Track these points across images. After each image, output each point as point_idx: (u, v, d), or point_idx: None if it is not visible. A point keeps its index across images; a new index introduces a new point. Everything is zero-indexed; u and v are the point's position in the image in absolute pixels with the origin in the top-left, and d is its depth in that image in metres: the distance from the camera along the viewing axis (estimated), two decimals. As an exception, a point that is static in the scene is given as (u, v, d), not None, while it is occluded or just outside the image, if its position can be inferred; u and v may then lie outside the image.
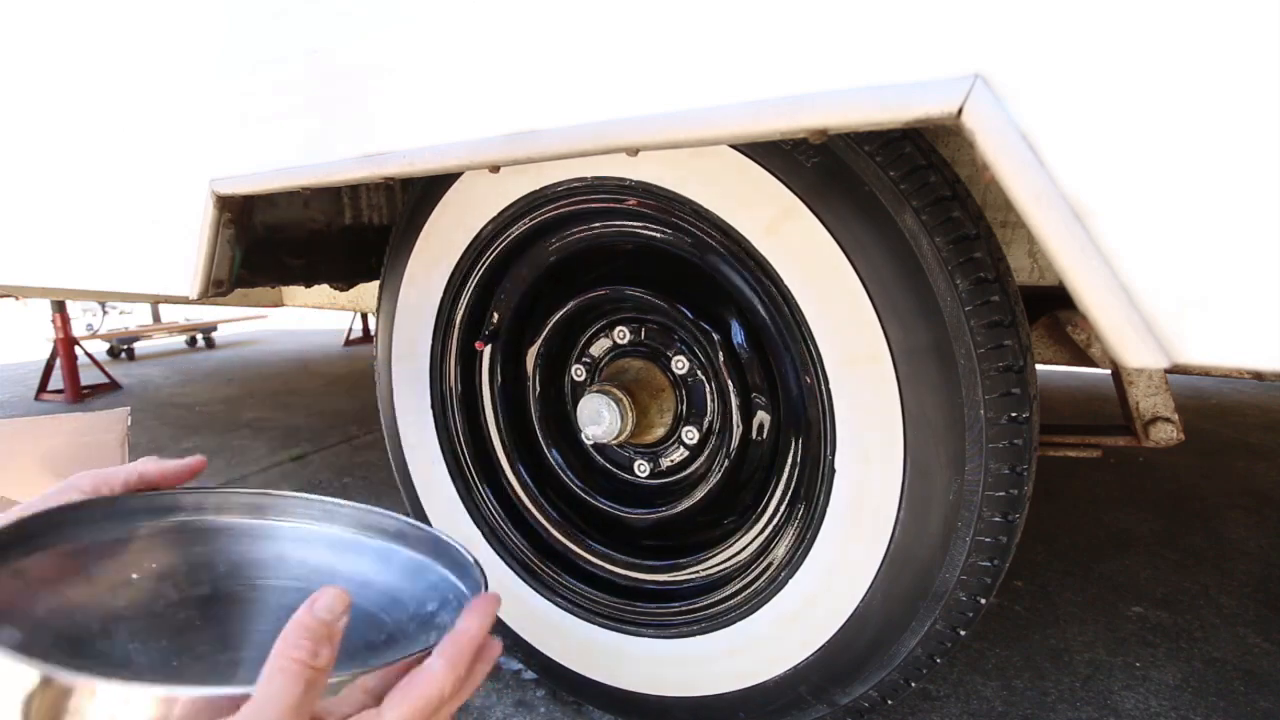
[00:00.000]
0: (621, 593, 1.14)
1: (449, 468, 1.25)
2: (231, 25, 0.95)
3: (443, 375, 1.23)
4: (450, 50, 0.75)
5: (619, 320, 1.15)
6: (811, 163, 0.79)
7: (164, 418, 3.39)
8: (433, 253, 1.15)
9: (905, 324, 0.77)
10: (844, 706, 0.93)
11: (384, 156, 0.82)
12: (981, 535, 0.79)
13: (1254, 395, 3.18)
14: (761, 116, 0.57)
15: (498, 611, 0.43)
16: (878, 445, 0.82)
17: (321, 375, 4.39)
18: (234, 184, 0.98)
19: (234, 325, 6.78)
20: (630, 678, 1.10)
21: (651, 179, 0.89)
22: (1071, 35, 0.46)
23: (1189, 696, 1.20)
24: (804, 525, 0.91)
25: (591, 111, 0.66)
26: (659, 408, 1.09)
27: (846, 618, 0.88)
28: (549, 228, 1.08)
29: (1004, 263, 0.80)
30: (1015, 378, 0.75)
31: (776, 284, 0.85)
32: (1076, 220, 0.46)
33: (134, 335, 5.46)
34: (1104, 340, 0.48)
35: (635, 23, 0.63)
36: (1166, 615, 1.45)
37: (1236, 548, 1.74)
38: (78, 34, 1.19)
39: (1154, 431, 1.07)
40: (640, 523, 1.17)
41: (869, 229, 0.77)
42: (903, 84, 0.51)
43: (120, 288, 1.26)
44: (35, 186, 1.38)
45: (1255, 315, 0.43)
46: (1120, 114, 0.45)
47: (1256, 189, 0.42)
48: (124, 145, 1.17)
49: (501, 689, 1.27)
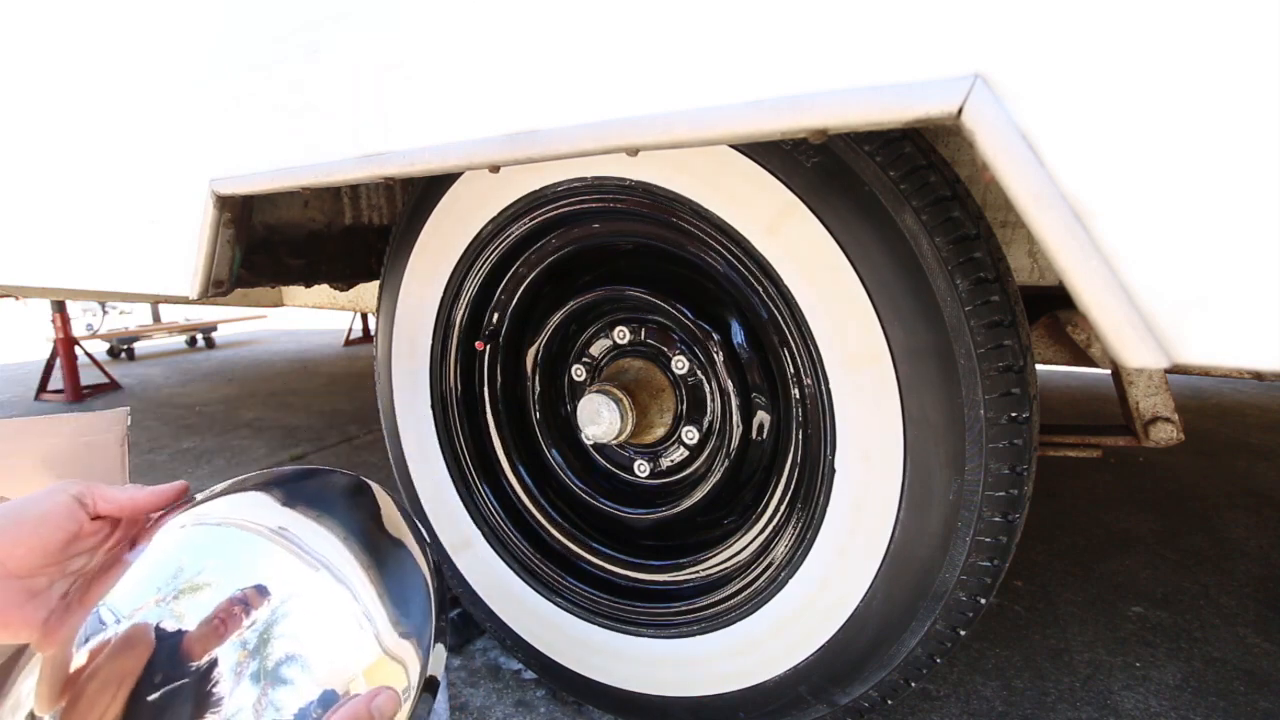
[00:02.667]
0: (622, 593, 1.14)
1: (449, 468, 1.25)
2: (231, 25, 0.95)
3: (443, 375, 1.23)
4: (450, 50, 0.75)
5: (619, 320, 1.15)
6: (811, 162, 0.79)
7: (164, 418, 3.39)
8: (433, 252, 1.15)
9: (905, 324, 0.77)
10: (844, 706, 0.93)
11: (384, 156, 0.82)
12: (981, 535, 0.79)
13: (1254, 395, 3.18)
14: (761, 116, 0.57)
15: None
16: (878, 445, 0.82)
17: (321, 375, 4.39)
18: (234, 184, 0.98)
19: (234, 325, 6.78)
20: (630, 678, 1.10)
21: (651, 179, 0.89)
22: (1071, 35, 0.46)
23: (1189, 696, 1.20)
24: (804, 525, 0.91)
25: (591, 111, 0.66)
26: (659, 408, 1.09)
27: (846, 618, 0.88)
28: (549, 227, 1.08)
29: (1004, 263, 0.80)
30: (1015, 378, 0.75)
31: (776, 284, 0.85)
32: (1076, 220, 0.46)
33: (134, 335, 5.46)
34: (1104, 340, 0.48)
35: (635, 23, 0.63)
36: (1166, 615, 1.45)
37: (1236, 548, 1.74)
38: (78, 34, 1.19)
39: (1154, 431, 1.07)
40: (640, 523, 1.17)
41: (869, 229, 0.77)
42: (903, 84, 0.51)
43: (120, 288, 1.26)
44: (36, 186, 1.38)
45: (1255, 315, 0.43)
46: (1120, 114, 0.45)
47: (1256, 189, 0.42)
48: (124, 145, 1.17)
49: (501, 689, 1.27)
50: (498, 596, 1.23)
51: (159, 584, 0.46)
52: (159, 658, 0.42)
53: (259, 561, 0.47)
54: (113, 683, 0.40)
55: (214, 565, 0.46)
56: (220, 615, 0.43)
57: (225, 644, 0.42)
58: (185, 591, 0.45)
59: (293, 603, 0.45)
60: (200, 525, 0.50)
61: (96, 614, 0.44)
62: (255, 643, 0.43)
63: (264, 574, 0.46)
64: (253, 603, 0.44)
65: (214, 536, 0.49)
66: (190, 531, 0.50)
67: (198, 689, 0.41)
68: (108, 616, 0.44)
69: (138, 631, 0.42)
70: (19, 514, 0.48)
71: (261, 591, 0.45)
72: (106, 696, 0.40)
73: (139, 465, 2.62)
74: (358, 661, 0.44)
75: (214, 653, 0.42)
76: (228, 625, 0.43)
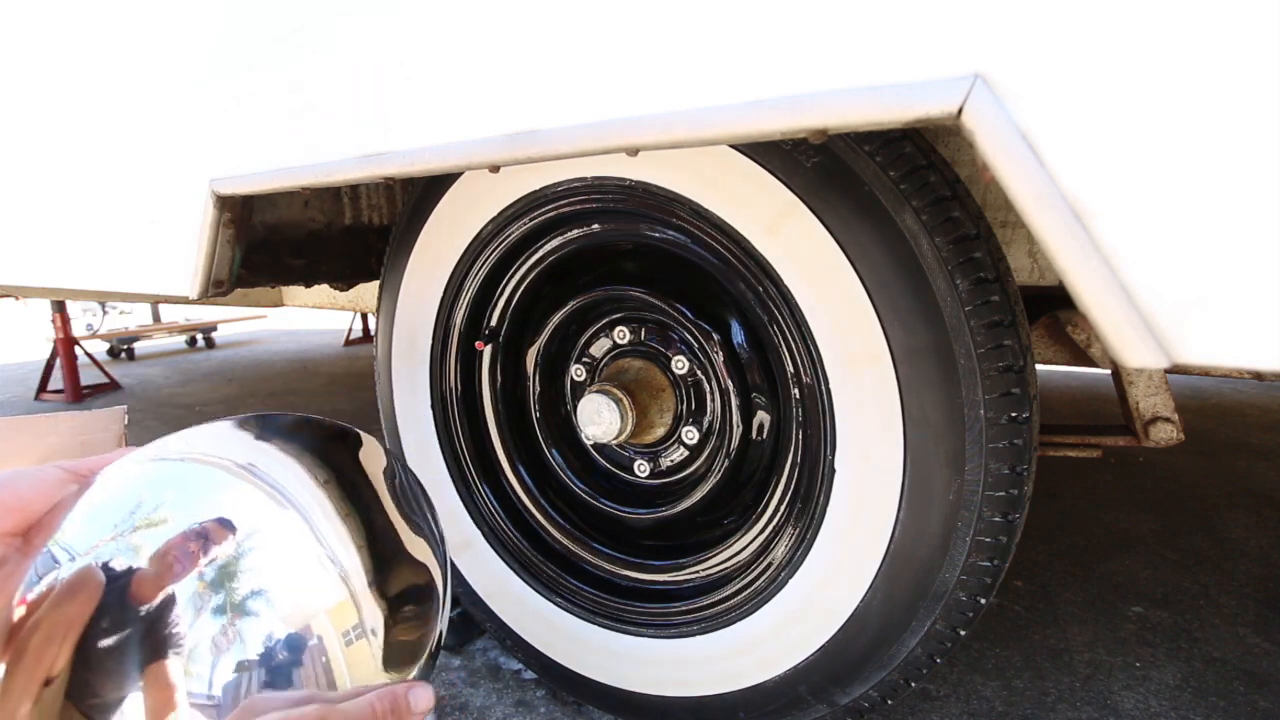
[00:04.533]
0: (622, 593, 1.14)
1: (449, 468, 1.25)
2: (231, 25, 0.95)
3: (443, 375, 1.23)
4: (450, 50, 0.75)
5: (619, 320, 1.15)
6: (811, 162, 0.79)
7: (164, 418, 3.39)
8: (433, 252, 1.15)
9: (905, 324, 0.77)
10: (844, 706, 0.93)
11: (384, 156, 0.82)
12: (981, 535, 0.79)
13: (1254, 395, 3.18)
14: (761, 116, 0.57)
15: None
16: (878, 445, 0.82)
17: (321, 375, 4.38)
18: (234, 184, 0.98)
19: (234, 325, 6.78)
20: (630, 678, 1.10)
21: (651, 179, 0.89)
22: (1071, 36, 0.46)
23: (1189, 696, 1.20)
24: (804, 525, 0.91)
25: (591, 111, 0.66)
26: (659, 408, 1.09)
27: (846, 618, 0.88)
28: (549, 227, 1.08)
29: (1004, 263, 0.80)
30: (1015, 378, 0.75)
31: (776, 284, 0.85)
32: (1076, 220, 0.46)
33: (134, 335, 5.46)
34: (1104, 340, 0.48)
35: (635, 23, 0.63)
36: (1166, 615, 1.45)
37: (1236, 548, 1.74)
38: (78, 35, 1.19)
39: (1154, 431, 1.07)
40: (640, 523, 1.17)
41: (869, 229, 0.77)
42: (903, 84, 0.51)
43: (120, 288, 1.26)
44: (36, 187, 1.39)
45: (1255, 315, 0.43)
46: (1120, 114, 0.45)
47: (1256, 189, 0.42)
48: (124, 145, 1.17)
49: (501, 689, 1.27)
50: (498, 596, 1.23)
51: (115, 520, 0.41)
52: (109, 600, 0.38)
53: (222, 496, 0.43)
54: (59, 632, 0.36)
55: (173, 499, 0.43)
56: (174, 551, 0.40)
57: (182, 580, 0.39)
58: (141, 527, 0.41)
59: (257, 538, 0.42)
60: (161, 460, 0.46)
61: (49, 553, 0.39)
62: (215, 576, 0.40)
63: (226, 508, 0.43)
64: (213, 537, 0.41)
65: (176, 470, 0.45)
66: (151, 465, 0.45)
67: (153, 629, 0.38)
68: (61, 555, 0.40)
69: (83, 575, 0.38)
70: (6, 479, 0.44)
71: (224, 525, 0.42)
72: (53, 648, 0.36)
73: (139, 465, 2.62)
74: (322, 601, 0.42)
75: (169, 589, 0.39)
76: (184, 562, 0.40)
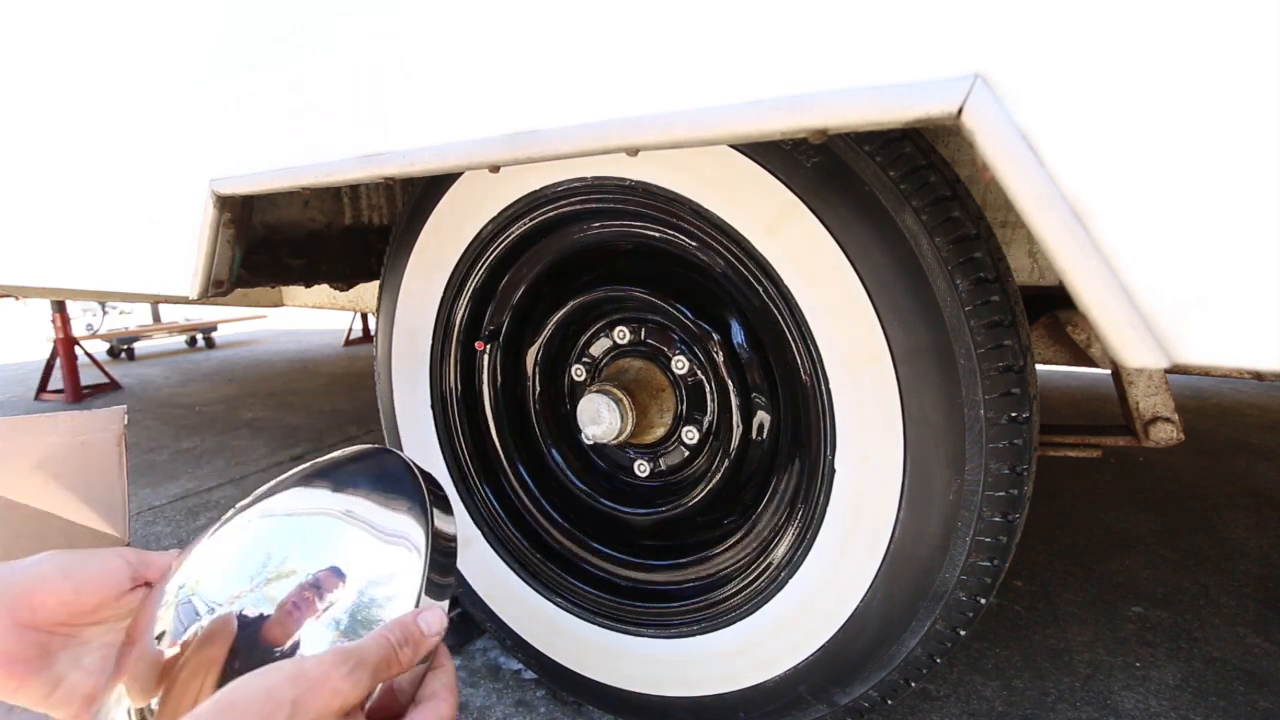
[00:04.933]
0: (622, 592, 1.14)
1: (449, 468, 1.25)
2: (231, 25, 0.95)
3: (443, 375, 1.23)
4: (450, 50, 0.75)
5: (619, 320, 1.15)
6: (811, 163, 0.79)
7: (164, 418, 3.39)
8: (433, 252, 1.15)
9: (905, 324, 0.77)
10: (844, 706, 0.93)
11: (384, 156, 0.82)
12: (981, 535, 0.79)
13: (1254, 395, 3.18)
14: (761, 116, 0.57)
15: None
16: (878, 445, 0.82)
17: (321, 375, 4.39)
18: (234, 184, 0.98)
19: (234, 325, 6.79)
20: (630, 678, 1.10)
21: (651, 179, 0.89)
22: (1071, 36, 0.46)
23: (1189, 696, 1.20)
24: (804, 525, 0.91)
25: (591, 111, 0.66)
26: (659, 408, 1.09)
27: (846, 618, 0.88)
28: (549, 227, 1.08)
29: (1004, 263, 0.80)
30: (1015, 378, 0.75)
31: (776, 284, 0.85)
32: (1076, 220, 0.46)
33: (134, 335, 5.46)
34: (1104, 340, 0.48)
35: (635, 23, 0.63)
36: (1166, 615, 1.45)
37: (1236, 548, 1.74)
38: (78, 35, 1.19)
39: (1154, 431, 1.07)
40: (640, 523, 1.17)
41: (869, 229, 0.77)
42: (903, 84, 0.51)
43: (120, 288, 1.26)
44: (36, 187, 1.38)
45: (1255, 315, 0.43)
46: (1120, 114, 0.45)
47: (1256, 189, 0.42)
48: (124, 145, 1.17)
49: (501, 689, 1.27)
50: (498, 596, 1.23)
51: (251, 572, 0.47)
52: (240, 645, 0.44)
53: (338, 544, 0.48)
54: (201, 670, 0.43)
55: (297, 551, 0.48)
56: (293, 601, 0.45)
57: (305, 626, 0.44)
58: (273, 579, 0.47)
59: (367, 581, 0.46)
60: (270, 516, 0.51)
61: (191, 605, 0.46)
62: (347, 624, 0.44)
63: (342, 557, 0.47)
64: (326, 585, 0.46)
65: (291, 525, 0.50)
66: (267, 521, 0.51)
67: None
68: (201, 607, 0.46)
69: (222, 622, 0.45)
70: (70, 567, 0.48)
71: (336, 574, 0.46)
72: (197, 681, 0.43)
73: (139, 465, 2.62)
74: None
75: (296, 636, 0.44)
76: (302, 610, 0.45)
